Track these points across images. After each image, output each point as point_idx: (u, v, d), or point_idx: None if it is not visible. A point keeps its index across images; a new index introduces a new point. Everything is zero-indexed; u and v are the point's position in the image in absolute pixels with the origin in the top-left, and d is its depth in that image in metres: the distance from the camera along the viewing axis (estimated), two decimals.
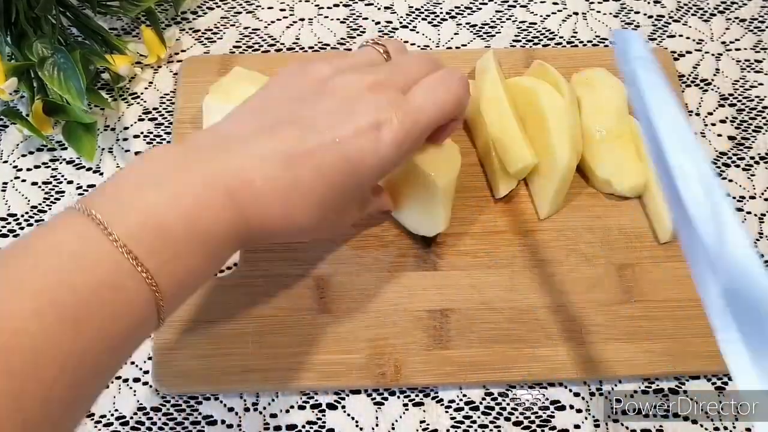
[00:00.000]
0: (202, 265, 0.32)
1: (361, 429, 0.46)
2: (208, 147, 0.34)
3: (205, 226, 0.31)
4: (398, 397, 0.47)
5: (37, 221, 0.51)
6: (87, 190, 0.52)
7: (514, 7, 0.61)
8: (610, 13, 0.61)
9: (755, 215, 0.53)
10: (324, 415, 0.46)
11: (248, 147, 0.34)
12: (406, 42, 0.59)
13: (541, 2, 0.61)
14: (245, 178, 0.33)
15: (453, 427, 0.46)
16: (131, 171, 0.32)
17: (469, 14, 0.61)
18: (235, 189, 0.32)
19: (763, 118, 0.57)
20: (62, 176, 0.52)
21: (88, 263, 0.28)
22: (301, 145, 0.34)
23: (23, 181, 0.52)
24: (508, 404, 0.47)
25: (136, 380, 0.46)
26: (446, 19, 0.60)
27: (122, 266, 0.28)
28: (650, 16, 0.61)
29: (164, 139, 0.54)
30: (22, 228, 0.50)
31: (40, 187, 0.52)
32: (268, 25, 0.59)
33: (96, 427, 0.45)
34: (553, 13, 0.61)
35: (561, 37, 0.60)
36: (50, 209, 0.51)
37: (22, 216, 0.51)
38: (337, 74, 0.37)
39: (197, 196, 0.31)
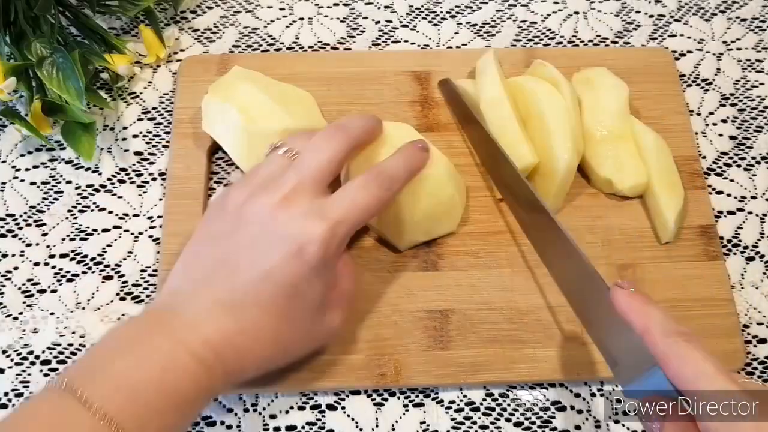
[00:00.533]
0: (178, 421, 0.34)
1: (361, 430, 0.46)
2: (163, 310, 0.36)
3: (173, 385, 0.33)
4: (398, 398, 0.47)
5: (36, 221, 0.51)
6: (86, 190, 0.52)
7: (515, 6, 0.61)
8: (611, 13, 0.61)
9: (756, 215, 0.53)
10: (324, 416, 0.46)
11: (193, 303, 0.36)
12: (406, 41, 0.59)
13: (542, 1, 0.61)
14: (200, 334, 0.35)
15: (453, 428, 0.46)
16: (102, 344, 0.35)
17: (469, 13, 0.60)
18: (194, 346, 0.34)
19: (765, 117, 0.57)
20: (61, 176, 0.52)
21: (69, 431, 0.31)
22: (234, 289, 0.36)
23: (22, 181, 0.52)
24: (508, 405, 0.47)
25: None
26: (446, 19, 0.60)
27: (102, 430, 0.31)
28: (651, 16, 0.61)
29: (163, 139, 0.54)
30: (20, 228, 0.50)
31: (38, 187, 0.52)
32: (268, 24, 0.59)
33: None
34: (553, 12, 0.61)
35: (562, 37, 0.60)
36: (48, 209, 0.51)
37: (21, 216, 0.51)
38: (248, 200, 0.39)
39: (161, 359, 0.34)
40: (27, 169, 0.53)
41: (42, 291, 0.49)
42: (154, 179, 0.52)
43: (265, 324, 0.37)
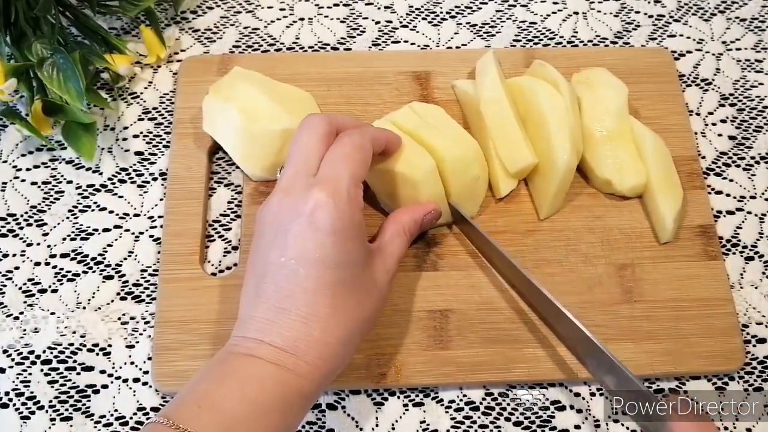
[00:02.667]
0: (277, 425, 0.36)
1: (361, 429, 0.46)
2: (233, 342, 0.38)
3: (255, 395, 0.35)
4: (398, 398, 0.47)
5: (36, 221, 0.51)
6: (86, 190, 0.52)
7: (515, 6, 0.61)
8: (611, 13, 0.61)
9: (755, 215, 0.53)
10: (324, 416, 0.46)
11: (253, 322, 0.38)
12: (406, 42, 0.59)
13: (542, 2, 0.61)
14: (267, 344, 0.36)
15: (453, 427, 0.46)
16: (191, 383, 0.37)
17: (469, 14, 0.61)
18: (265, 354, 0.36)
19: (764, 117, 0.57)
20: (62, 176, 0.52)
21: None
22: (278, 288, 0.37)
23: (23, 181, 0.52)
24: (508, 404, 0.47)
25: (136, 380, 0.46)
26: (446, 19, 0.60)
27: None
28: (650, 16, 0.61)
29: (164, 139, 0.54)
30: (21, 228, 0.50)
31: (39, 187, 0.52)
32: (268, 24, 0.59)
33: (96, 427, 0.45)
34: (553, 12, 0.61)
35: (561, 37, 0.60)
36: (49, 209, 0.51)
37: (22, 216, 0.51)
38: (269, 209, 0.40)
39: (239, 375, 0.36)
40: (28, 169, 0.53)
41: (43, 291, 0.49)
42: (154, 179, 0.52)
43: (322, 304, 0.37)
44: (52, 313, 0.48)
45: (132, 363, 0.47)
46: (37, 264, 0.49)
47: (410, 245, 0.49)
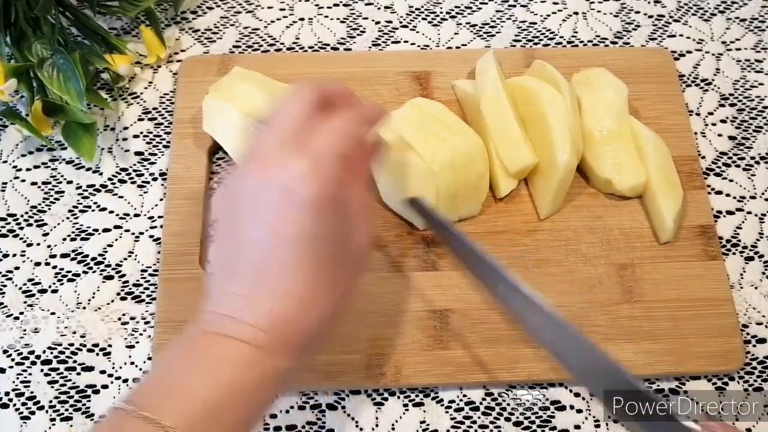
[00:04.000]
0: (252, 411, 0.34)
1: (361, 429, 0.46)
2: (211, 313, 0.35)
3: (230, 380, 0.33)
4: (398, 398, 0.47)
5: (36, 221, 0.51)
6: (86, 190, 0.52)
7: (514, 6, 0.61)
8: (611, 13, 0.61)
9: (755, 215, 0.53)
10: (324, 416, 0.46)
11: (230, 293, 0.35)
12: (406, 42, 0.59)
13: (542, 2, 0.61)
14: (246, 322, 0.34)
15: (453, 427, 0.46)
16: (153, 367, 0.35)
17: (469, 14, 0.61)
18: (241, 334, 0.34)
19: (764, 118, 0.57)
20: (62, 176, 0.52)
21: None
22: (255, 269, 0.35)
23: (23, 181, 0.52)
24: (508, 404, 0.47)
25: (136, 380, 0.46)
26: (446, 19, 0.60)
27: None
28: (650, 16, 0.61)
29: (164, 139, 0.54)
30: (21, 228, 0.50)
31: (39, 187, 0.52)
32: (268, 24, 0.59)
33: None
34: (553, 12, 0.61)
35: (561, 37, 0.60)
36: (50, 209, 0.51)
37: (22, 216, 0.51)
38: (245, 178, 0.37)
39: (210, 359, 0.34)
40: (28, 169, 0.53)
41: (43, 291, 0.49)
42: (154, 179, 0.52)
43: (301, 280, 0.35)
44: (53, 314, 0.48)
45: (132, 363, 0.47)
46: (38, 264, 0.49)
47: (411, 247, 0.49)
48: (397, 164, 0.47)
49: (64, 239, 0.50)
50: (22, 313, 0.48)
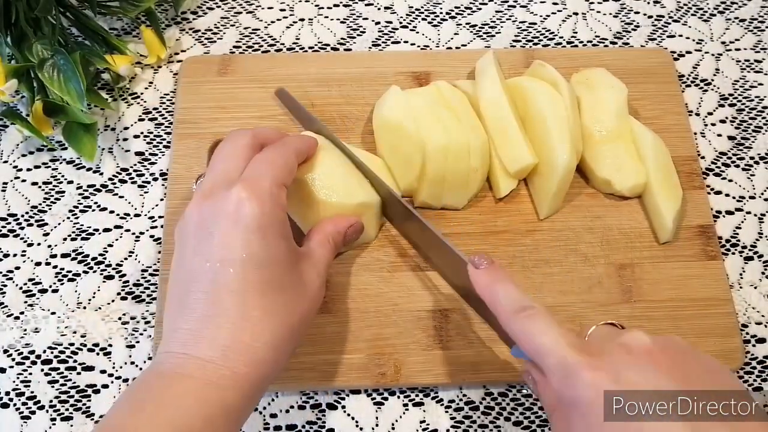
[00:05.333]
0: None
1: (361, 429, 0.46)
2: (165, 353, 0.35)
3: (176, 414, 0.33)
4: (398, 397, 0.47)
5: (37, 221, 0.51)
6: (87, 190, 0.52)
7: (514, 7, 0.61)
8: (610, 14, 0.61)
9: (755, 215, 0.53)
10: (324, 415, 0.46)
11: (182, 330, 0.35)
12: (406, 42, 0.59)
13: (541, 2, 0.61)
14: (198, 357, 0.34)
15: (453, 427, 0.46)
16: (111, 412, 0.35)
17: (469, 14, 0.61)
18: (191, 369, 0.34)
19: (763, 118, 0.57)
20: (62, 176, 0.52)
21: None
22: (205, 298, 0.35)
23: (23, 181, 0.52)
24: (508, 404, 0.47)
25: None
26: (446, 19, 0.60)
27: None
28: (650, 16, 0.61)
29: (164, 139, 0.54)
30: (22, 228, 0.51)
31: (40, 187, 0.52)
32: (268, 25, 0.59)
33: None
34: (553, 13, 0.61)
35: (561, 37, 0.60)
36: (50, 209, 0.51)
37: (23, 216, 0.51)
38: (189, 219, 0.38)
39: (168, 400, 0.33)
40: (28, 170, 0.53)
41: (43, 291, 0.49)
42: (155, 179, 0.53)
43: (251, 306, 0.35)
44: (53, 313, 0.48)
45: (132, 363, 0.47)
46: (38, 264, 0.50)
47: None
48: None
49: (65, 239, 0.50)
50: (22, 312, 0.48)
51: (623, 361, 0.32)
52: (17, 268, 0.49)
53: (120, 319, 0.48)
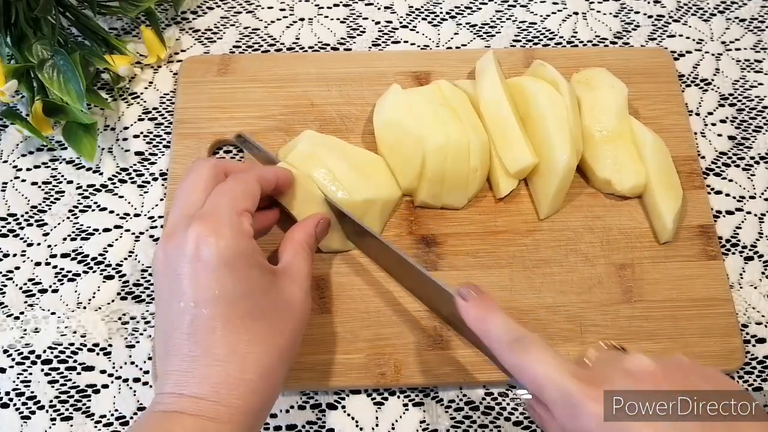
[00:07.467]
0: None
1: (361, 429, 0.46)
2: (159, 395, 0.36)
3: None
4: (398, 397, 0.47)
5: (37, 221, 0.51)
6: (87, 190, 0.52)
7: (514, 7, 0.61)
8: (610, 13, 0.61)
9: (755, 215, 0.53)
10: (324, 415, 0.46)
11: (172, 372, 0.36)
12: (406, 42, 0.59)
13: (541, 2, 0.61)
14: (190, 395, 0.35)
15: (453, 427, 0.46)
16: None
17: (469, 14, 0.61)
18: (185, 407, 0.34)
19: (763, 118, 0.57)
20: (62, 176, 0.52)
21: None
22: (187, 339, 0.35)
23: (23, 181, 0.52)
24: (508, 404, 0.47)
25: (136, 380, 0.46)
26: (446, 19, 0.60)
27: None
28: (650, 16, 0.61)
29: (164, 139, 0.54)
30: (22, 228, 0.51)
31: (39, 187, 0.52)
32: (268, 24, 0.59)
33: (96, 427, 0.45)
34: (553, 13, 0.61)
35: (561, 37, 0.60)
36: (50, 209, 0.51)
37: (22, 216, 0.51)
38: (157, 259, 0.38)
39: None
40: (28, 169, 0.53)
41: (43, 291, 0.49)
42: (155, 179, 0.53)
43: (235, 341, 0.35)
44: (53, 313, 0.48)
45: (132, 363, 0.47)
46: (38, 264, 0.49)
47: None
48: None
49: (65, 239, 0.50)
50: (22, 312, 0.48)
51: (627, 388, 0.32)
52: (17, 268, 0.49)
53: (120, 319, 0.48)
